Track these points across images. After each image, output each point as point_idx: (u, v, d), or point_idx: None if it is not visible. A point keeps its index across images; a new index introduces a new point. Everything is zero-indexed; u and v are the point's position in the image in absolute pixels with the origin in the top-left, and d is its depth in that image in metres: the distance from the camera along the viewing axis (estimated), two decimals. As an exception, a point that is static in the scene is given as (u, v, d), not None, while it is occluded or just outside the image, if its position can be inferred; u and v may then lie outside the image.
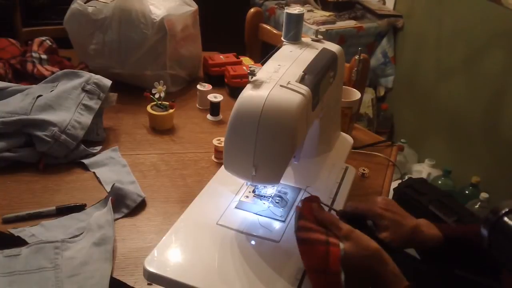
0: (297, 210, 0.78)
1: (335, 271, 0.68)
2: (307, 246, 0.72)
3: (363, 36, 2.54)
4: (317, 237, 0.71)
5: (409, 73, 2.63)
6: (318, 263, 0.69)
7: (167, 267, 0.73)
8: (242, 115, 0.73)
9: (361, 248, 0.71)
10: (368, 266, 0.71)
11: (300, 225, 0.74)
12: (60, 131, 1.10)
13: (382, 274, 0.71)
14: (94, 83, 1.21)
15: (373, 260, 0.71)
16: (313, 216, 0.76)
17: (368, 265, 0.71)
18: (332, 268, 0.68)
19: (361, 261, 0.71)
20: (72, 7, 1.41)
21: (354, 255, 0.70)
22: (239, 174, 0.78)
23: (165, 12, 1.38)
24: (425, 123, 2.59)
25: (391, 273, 0.71)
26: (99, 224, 0.91)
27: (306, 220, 0.75)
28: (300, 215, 0.76)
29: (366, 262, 0.71)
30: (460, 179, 2.26)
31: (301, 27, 0.93)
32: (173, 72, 1.45)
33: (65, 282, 0.80)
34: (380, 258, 0.71)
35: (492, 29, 2.12)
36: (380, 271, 0.71)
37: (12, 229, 0.90)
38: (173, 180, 1.10)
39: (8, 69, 1.36)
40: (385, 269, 0.71)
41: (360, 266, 0.71)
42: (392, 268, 0.71)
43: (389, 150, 1.30)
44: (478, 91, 2.23)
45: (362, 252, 0.71)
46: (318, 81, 0.82)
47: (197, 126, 1.32)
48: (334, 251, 0.69)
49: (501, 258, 0.70)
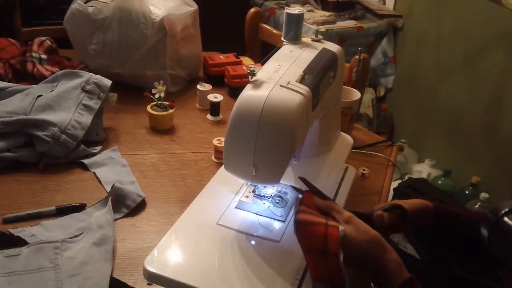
0: (297, 200, 0.78)
1: (334, 251, 0.67)
2: (306, 227, 0.71)
3: (363, 36, 2.54)
4: (317, 219, 0.71)
5: (409, 73, 2.63)
6: (317, 244, 0.68)
7: (167, 267, 0.73)
8: (242, 115, 0.73)
9: (361, 232, 0.70)
10: (367, 250, 0.69)
11: (301, 209, 0.74)
12: (60, 131, 1.10)
13: (382, 261, 0.68)
14: (94, 83, 1.21)
15: (372, 244, 0.69)
16: (314, 204, 0.75)
17: (367, 249, 0.69)
18: (331, 248, 0.67)
19: (360, 245, 0.69)
20: (72, 7, 1.41)
21: (354, 238, 0.69)
22: (239, 174, 0.78)
23: (165, 12, 1.38)
24: (425, 123, 2.59)
25: (393, 262, 0.68)
26: (99, 224, 0.91)
27: (307, 206, 0.74)
28: (300, 202, 0.76)
29: (365, 246, 0.69)
30: (460, 179, 2.26)
31: (301, 27, 0.92)
32: (173, 72, 1.45)
33: (65, 282, 0.80)
34: (380, 244, 0.70)
35: (492, 29, 2.12)
36: (380, 258, 0.69)
37: (12, 229, 0.90)
38: (173, 180, 1.10)
39: (8, 69, 1.36)
40: (385, 257, 0.69)
41: (359, 250, 0.69)
42: (393, 257, 0.69)
43: (389, 150, 1.30)
44: (478, 91, 2.23)
45: (361, 235, 0.69)
46: (318, 81, 0.82)
47: (197, 126, 1.32)
48: (333, 232, 0.68)
49: (501, 258, 0.70)
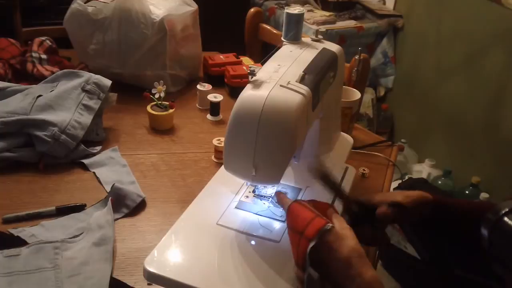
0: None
1: (308, 237, 0.67)
2: (299, 208, 0.73)
3: (363, 36, 2.54)
4: (311, 209, 0.72)
5: (409, 73, 2.63)
6: (299, 225, 0.70)
7: (167, 267, 0.73)
8: (242, 115, 0.73)
9: (352, 238, 0.67)
10: (347, 257, 0.65)
11: (301, 201, 0.76)
12: (60, 131, 1.10)
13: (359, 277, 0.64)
14: (94, 83, 1.21)
15: (355, 254, 0.65)
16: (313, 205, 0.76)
17: (348, 257, 0.65)
18: (307, 232, 0.68)
19: (344, 249, 0.66)
20: (72, 7, 1.40)
21: (344, 237, 0.67)
22: (239, 174, 0.78)
23: (165, 12, 1.38)
24: (425, 123, 2.59)
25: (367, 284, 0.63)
26: (99, 224, 0.91)
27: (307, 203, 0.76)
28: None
29: (347, 253, 0.65)
30: (460, 179, 2.25)
31: (301, 27, 0.93)
32: (173, 72, 1.45)
33: (65, 282, 0.80)
34: (362, 257, 0.66)
35: (492, 29, 2.11)
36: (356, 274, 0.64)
37: (12, 229, 0.90)
38: (173, 180, 1.10)
39: (8, 69, 1.36)
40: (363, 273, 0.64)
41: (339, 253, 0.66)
42: (369, 275, 0.64)
43: (389, 150, 1.30)
44: (478, 91, 2.23)
45: (351, 241, 0.67)
46: (318, 81, 0.82)
47: (197, 126, 1.32)
48: (319, 222, 0.69)
49: (501, 258, 0.70)
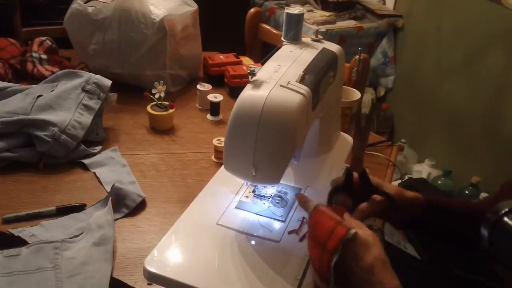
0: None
1: (331, 249, 0.65)
2: (321, 215, 0.71)
3: (363, 36, 2.54)
4: (333, 215, 0.71)
5: (409, 73, 2.63)
6: (322, 235, 0.68)
7: (167, 267, 0.73)
8: (242, 115, 0.73)
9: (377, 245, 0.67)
10: (371, 265, 0.65)
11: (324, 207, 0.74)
12: (60, 131, 1.10)
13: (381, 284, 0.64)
14: (94, 83, 1.21)
15: (378, 261, 0.65)
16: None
17: (371, 265, 0.65)
18: (329, 245, 0.66)
19: (368, 256, 0.65)
20: (72, 7, 1.41)
21: (369, 243, 0.66)
22: (239, 174, 0.78)
23: (165, 12, 1.38)
24: (425, 123, 2.59)
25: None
26: (99, 224, 0.91)
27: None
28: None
29: (371, 260, 0.65)
30: (460, 179, 2.25)
31: (301, 27, 0.92)
32: (173, 72, 1.45)
33: (65, 282, 0.80)
34: (385, 264, 0.66)
35: (492, 29, 2.11)
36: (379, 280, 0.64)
37: (12, 229, 0.90)
38: (173, 180, 1.10)
39: (8, 69, 1.36)
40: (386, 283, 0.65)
41: (362, 261, 0.65)
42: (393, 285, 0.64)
43: (389, 150, 1.30)
44: (478, 91, 2.23)
45: (377, 248, 0.66)
46: (318, 81, 0.82)
47: (197, 126, 1.32)
48: (340, 230, 0.67)
49: (501, 258, 0.70)
